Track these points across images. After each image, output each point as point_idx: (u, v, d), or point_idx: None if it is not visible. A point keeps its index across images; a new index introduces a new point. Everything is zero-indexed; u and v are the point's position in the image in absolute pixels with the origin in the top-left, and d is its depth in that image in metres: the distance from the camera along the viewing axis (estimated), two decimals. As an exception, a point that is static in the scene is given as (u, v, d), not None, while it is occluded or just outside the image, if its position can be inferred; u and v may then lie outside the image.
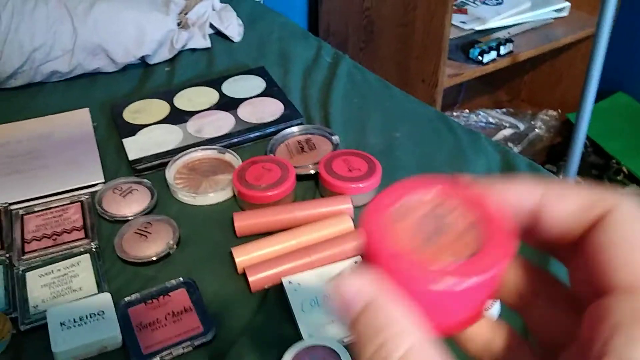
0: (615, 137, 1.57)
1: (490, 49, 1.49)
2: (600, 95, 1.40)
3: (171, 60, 1.08)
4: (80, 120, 0.92)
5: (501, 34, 1.56)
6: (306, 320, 0.60)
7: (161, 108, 0.93)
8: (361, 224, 0.25)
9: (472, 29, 1.56)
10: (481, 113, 1.72)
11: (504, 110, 1.74)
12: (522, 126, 1.68)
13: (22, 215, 0.74)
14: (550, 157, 1.64)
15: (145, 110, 0.92)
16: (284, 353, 0.56)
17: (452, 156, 0.82)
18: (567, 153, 1.43)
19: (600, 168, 1.55)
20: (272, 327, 0.61)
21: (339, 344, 0.56)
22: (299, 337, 0.59)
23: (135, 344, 0.59)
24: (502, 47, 1.50)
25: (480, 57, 1.48)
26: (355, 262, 0.66)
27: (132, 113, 0.92)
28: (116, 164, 0.83)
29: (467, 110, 1.74)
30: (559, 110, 1.70)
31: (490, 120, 1.71)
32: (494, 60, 1.51)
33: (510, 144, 1.65)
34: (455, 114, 1.71)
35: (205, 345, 0.59)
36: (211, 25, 1.14)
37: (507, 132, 1.68)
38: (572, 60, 1.68)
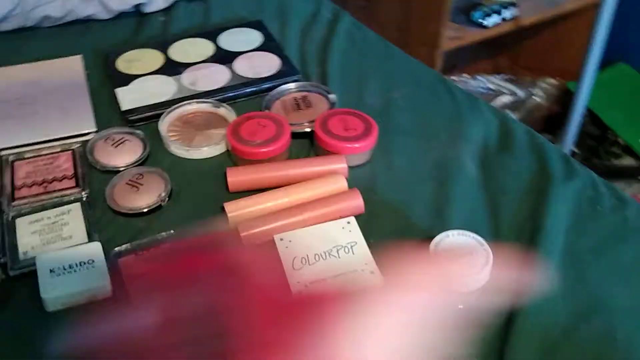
0: (613, 108, 1.56)
1: (494, 12, 1.46)
2: (602, 66, 1.38)
3: (166, 10, 1.05)
4: (72, 67, 0.90)
5: (505, -2, 1.53)
6: (296, 279, 0.60)
7: (155, 58, 0.91)
8: None
9: (476, -9, 1.53)
10: (480, 78, 1.70)
11: (504, 76, 1.72)
12: (521, 93, 1.67)
13: (12, 161, 0.73)
14: (548, 126, 1.63)
15: (139, 60, 0.90)
16: (272, 309, 0.56)
17: (450, 120, 0.81)
18: (565, 122, 1.42)
19: (597, 139, 1.54)
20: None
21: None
22: (288, 294, 0.59)
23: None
24: (505, 11, 1.48)
25: (482, 21, 1.46)
26: (348, 222, 0.65)
27: (126, 62, 0.90)
28: (108, 113, 0.82)
29: (466, 75, 1.71)
30: (559, 79, 1.69)
31: (490, 85, 1.69)
32: (497, 24, 1.48)
33: (508, 111, 1.63)
34: (454, 78, 1.69)
35: (194, 298, 0.59)
36: (210, -25, 1.10)
37: (506, 98, 1.66)
38: (575, 28, 1.65)
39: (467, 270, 0.56)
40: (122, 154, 0.75)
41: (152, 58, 0.91)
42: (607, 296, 0.58)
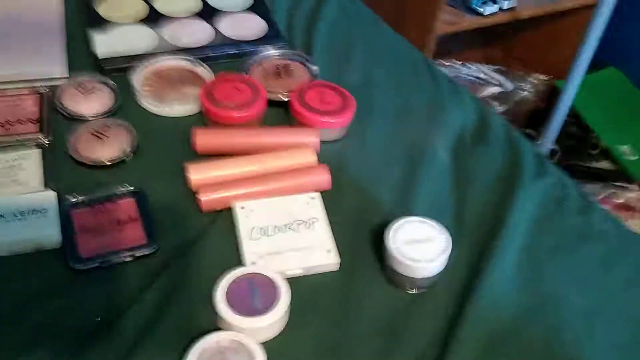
0: (598, 111, 1.56)
1: (492, 1, 1.44)
2: (592, 67, 1.37)
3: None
4: (48, 4, 0.86)
5: (505, -13, 1.50)
6: (252, 249, 0.59)
7: (138, 6, 0.88)
8: None
9: (477, -23, 1.50)
10: (472, 66, 1.69)
11: (495, 67, 1.70)
12: (510, 86, 1.65)
13: (-25, 98, 0.71)
14: (531, 122, 1.62)
15: (121, 6, 0.87)
16: (223, 276, 0.55)
17: (430, 104, 0.80)
18: (548, 119, 1.42)
19: (578, 140, 1.54)
20: (217, 250, 0.60)
21: (280, 276, 0.56)
22: (241, 264, 0.58)
23: (73, 246, 0.57)
24: (503, 1, 1.46)
25: (479, 8, 1.44)
26: (312, 198, 0.64)
27: (107, 6, 0.87)
28: (82, 59, 0.79)
29: (458, 61, 1.70)
30: (550, 76, 1.68)
31: (480, 75, 1.68)
32: (495, 13, 1.46)
33: (495, 102, 1.62)
34: (445, 63, 1.67)
35: (146, 257, 0.58)
36: None
37: (495, 89, 1.65)
38: (571, 27, 1.63)
39: (424, 256, 0.56)
40: (91, 102, 0.72)
41: (135, 5, 0.88)
42: (560, 297, 0.58)
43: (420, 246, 0.56)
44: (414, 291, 0.58)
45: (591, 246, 0.63)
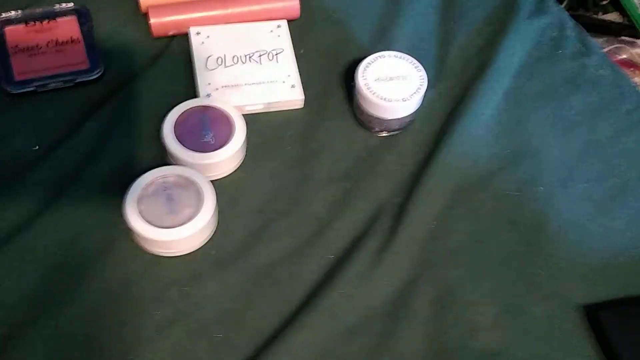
0: (616, -44, 1.42)
1: None
2: None
3: None
4: None
5: None
6: (207, 79, 0.53)
7: None
8: None
9: None
10: None
11: None
12: None
13: None
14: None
15: None
16: (173, 108, 0.50)
17: None
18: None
19: (589, -12, 1.42)
20: (168, 79, 0.54)
21: (236, 111, 0.50)
22: (195, 96, 0.52)
23: (7, 67, 0.51)
24: None
25: None
26: (278, 26, 0.57)
27: None
28: None
29: None
30: None
31: None
32: None
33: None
34: None
35: (88, 83, 0.52)
36: None
37: None
38: None
39: (396, 95, 0.50)
40: None
41: None
42: (539, 147, 0.54)
43: (393, 84, 0.51)
44: (383, 134, 0.53)
45: (581, 94, 0.57)
